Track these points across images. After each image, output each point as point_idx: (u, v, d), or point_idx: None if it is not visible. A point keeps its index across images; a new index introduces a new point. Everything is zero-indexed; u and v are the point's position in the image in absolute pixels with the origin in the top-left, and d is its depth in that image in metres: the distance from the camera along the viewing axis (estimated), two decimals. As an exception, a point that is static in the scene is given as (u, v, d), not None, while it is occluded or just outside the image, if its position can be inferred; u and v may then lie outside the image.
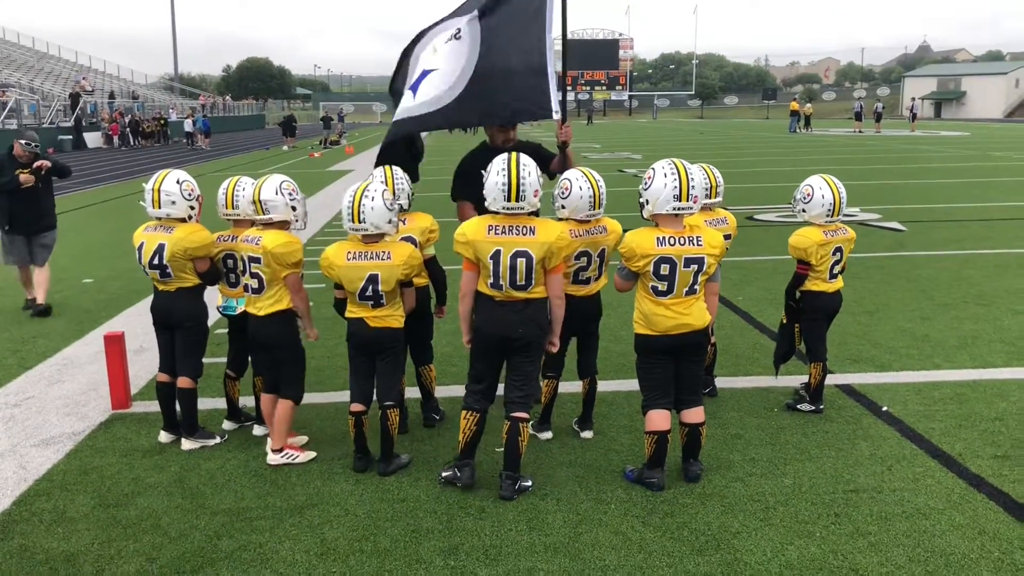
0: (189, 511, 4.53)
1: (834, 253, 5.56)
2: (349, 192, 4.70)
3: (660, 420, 4.64)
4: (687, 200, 4.43)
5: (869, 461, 5.00)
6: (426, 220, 5.27)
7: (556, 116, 5.57)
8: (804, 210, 5.55)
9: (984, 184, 20.32)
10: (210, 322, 5.52)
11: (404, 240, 5.02)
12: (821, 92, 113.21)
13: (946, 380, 6.35)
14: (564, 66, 5.84)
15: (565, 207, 4.94)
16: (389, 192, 4.73)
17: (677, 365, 4.66)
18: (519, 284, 4.48)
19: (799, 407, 5.76)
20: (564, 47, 5.79)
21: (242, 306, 5.33)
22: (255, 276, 4.94)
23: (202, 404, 5.77)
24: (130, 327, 7.68)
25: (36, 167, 8.84)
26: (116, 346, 5.92)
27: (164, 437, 5.45)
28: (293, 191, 5.01)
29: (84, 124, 44.95)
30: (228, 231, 5.39)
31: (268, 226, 4.95)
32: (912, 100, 60.00)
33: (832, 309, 5.71)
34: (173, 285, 5.21)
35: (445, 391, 6.02)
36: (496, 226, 4.48)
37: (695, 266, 4.47)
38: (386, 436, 4.86)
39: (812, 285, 5.59)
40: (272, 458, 5.07)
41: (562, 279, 4.63)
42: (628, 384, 6.18)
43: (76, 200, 18.69)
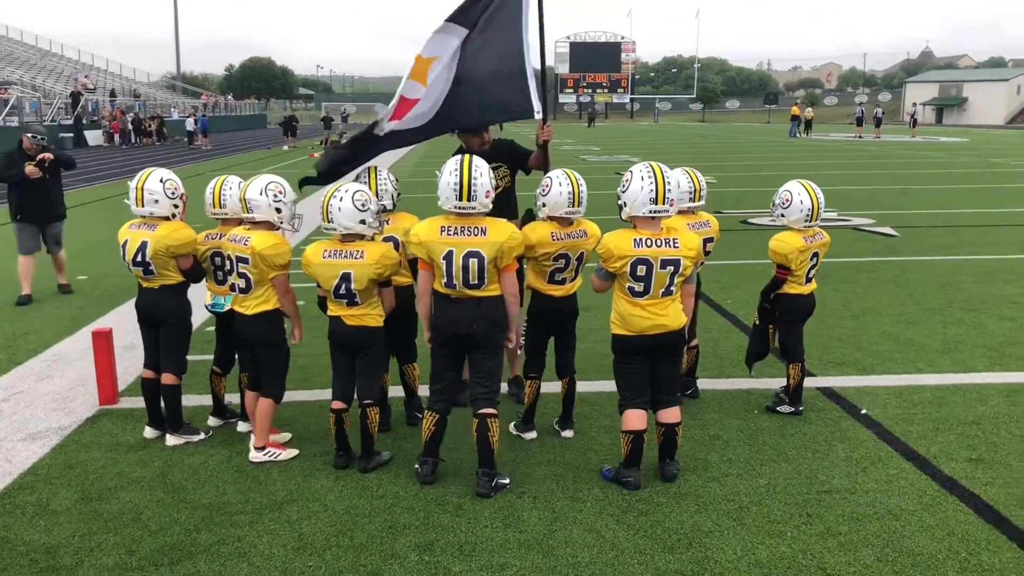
0: (170, 505, 4.59)
1: (812, 258, 5.63)
2: (324, 191, 4.80)
3: (636, 420, 4.70)
4: (663, 203, 4.50)
5: (845, 463, 5.05)
6: (409, 221, 5.32)
7: (538, 116, 5.67)
8: (783, 215, 5.61)
9: (980, 190, 20.38)
10: (197, 319, 5.58)
11: (387, 240, 5.09)
12: (823, 97, 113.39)
13: (927, 384, 6.41)
14: (543, 66, 5.90)
15: (545, 204, 5.02)
16: (366, 194, 4.78)
17: (653, 365, 4.72)
18: (472, 283, 4.55)
19: (779, 409, 5.81)
20: (542, 48, 5.86)
21: (229, 304, 5.39)
22: (243, 276, 4.99)
23: (188, 401, 5.85)
24: (121, 324, 7.74)
25: (40, 159, 9.22)
26: (104, 342, 5.98)
27: (149, 433, 5.50)
28: (279, 193, 4.99)
29: (85, 122, 45.03)
30: (216, 229, 5.45)
31: (256, 226, 5.00)
32: (913, 106, 60.09)
33: (808, 311, 5.78)
34: (156, 282, 5.27)
35: (428, 390, 6.07)
36: (448, 227, 4.56)
37: (671, 268, 4.53)
38: (366, 434, 4.92)
39: (789, 288, 5.66)
40: (254, 455, 5.12)
41: (515, 277, 4.68)
42: (611, 385, 6.14)
43: (74, 197, 18.75)
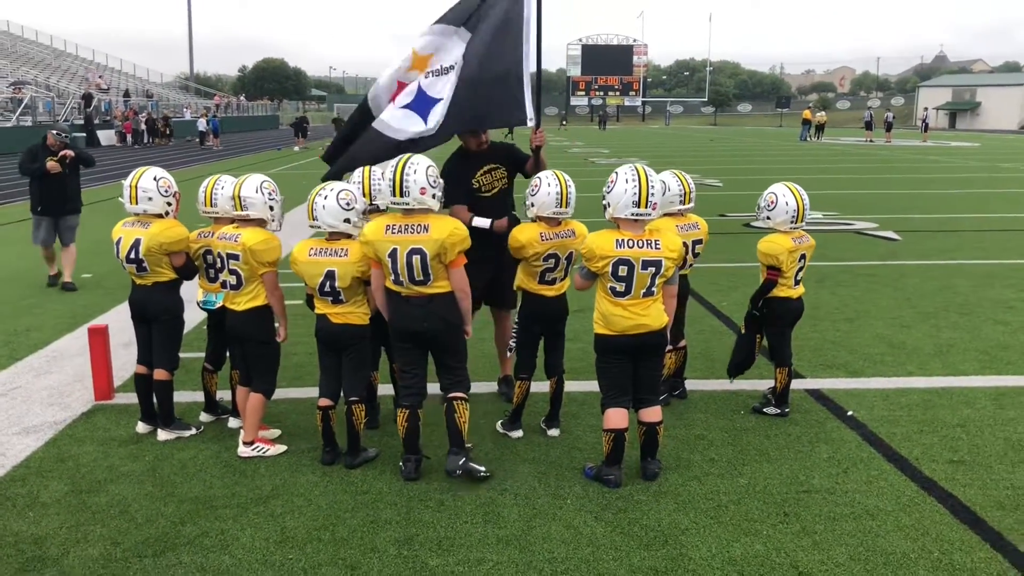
0: (158, 498, 4.67)
1: (799, 260, 5.66)
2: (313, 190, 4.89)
3: (617, 418, 4.75)
4: (645, 207, 4.56)
5: (826, 464, 5.09)
6: None
7: (531, 123, 5.76)
8: (768, 217, 5.65)
9: (986, 195, 20.33)
10: (191, 317, 5.66)
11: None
12: (835, 101, 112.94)
13: (915, 387, 6.43)
14: (539, 72, 5.97)
15: (534, 204, 5.10)
16: (352, 193, 4.87)
17: (635, 365, 4.78)
18: (417, 280, 4.64)
19: (765, 410, 5.85)
20: (538, 53, 5.92)
21: (221, 301, 5.48)
22: (233, 272, 5.08)
23: (181, 397, 5.93)
24: (120, 321, 7.83)
25: (61, 156, 9.83)
26: (99, 338, 6.08)
27: (141, 427, 5.59)
28: (273, 191, 5.16)
29: (97, 122, 45.34)
30: (209, 227, 5.54)
31: (245, 223, 5.09)
32: (924, 110, 59.85)
33: (796, 315, 5.81)
34: (149, 279, 5.36)
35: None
36: (393, 225, 4.65)
37: (652, 269, 4.58)
38: (351, 431, 4.99)
39: (778, 292, 5.69)
40: (243, 450, 5.20)
41: (463, 272, 4.74)
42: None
43: (83, 196, 18.86)
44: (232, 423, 5.69)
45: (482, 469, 4.83)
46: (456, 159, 5.93)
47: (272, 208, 5.14)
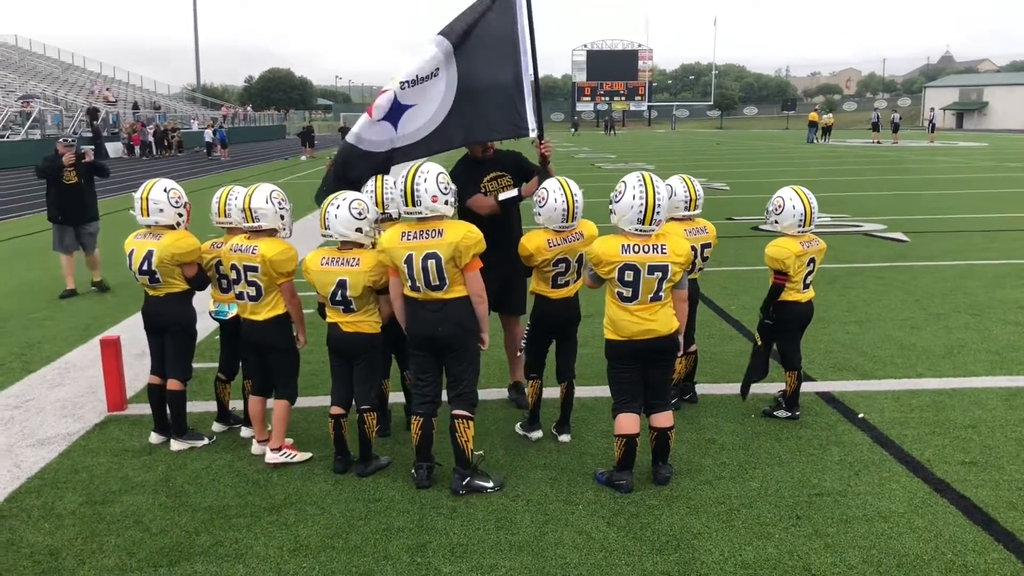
0: (172, 508, 4.70)
1: (808, 264, 5.67)
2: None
3: (629, 424, 4.76)
4: (650, 224, 4.57)
5: (838, 466, 5.09)
6: None
7: (533, 134, 5.80)
8: (776, 221, 5.66)
9: (994, 195, 20.27)
10: (203, 327, 5.69)
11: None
12: (842, 103, 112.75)
13: (926, 388, 6.42)
14: (536, 82, 5.99)
15: (541, 215, 5.13)
16: (364, 202, 4.90)
17: (645, 370, 4.78)
18: (433, 284, 4.65)
19: (775, 414, 5.86)
20: (534, 62, 5.94)
21: (233, 311, 5.51)
22: (252, 284, 5.10)
23: (194, 407, 5.96)
24: (132, 332, 7.88)
25: (80, 154, 10.34)
26: (112, 350, 6.12)
27: (154, 438, 5.62)
28: (282, 200, 5.18)
29: (105, 134, 45.55)
30: (222, 238, 5.57)
31: (258, 234, 5.13)
32: (931, 111, 59.68)
33: (806, 319, 5.81)
34: (162, 291, 5.40)
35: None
36: (408, 232, 4.68)
37: (659, 273, 4.60)
38: (363, 439, 5.01)
39: (787, 296, 5.69)
40: (271, 457, 5.22)
41: (478, 276, 4.74)
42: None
43: (93, 209, 18.98)
44: (244, 432, 5.71)
45: (489, 485, 4.82)
46: (462, 166, 5.97)
47: (283, 218, 5.18)
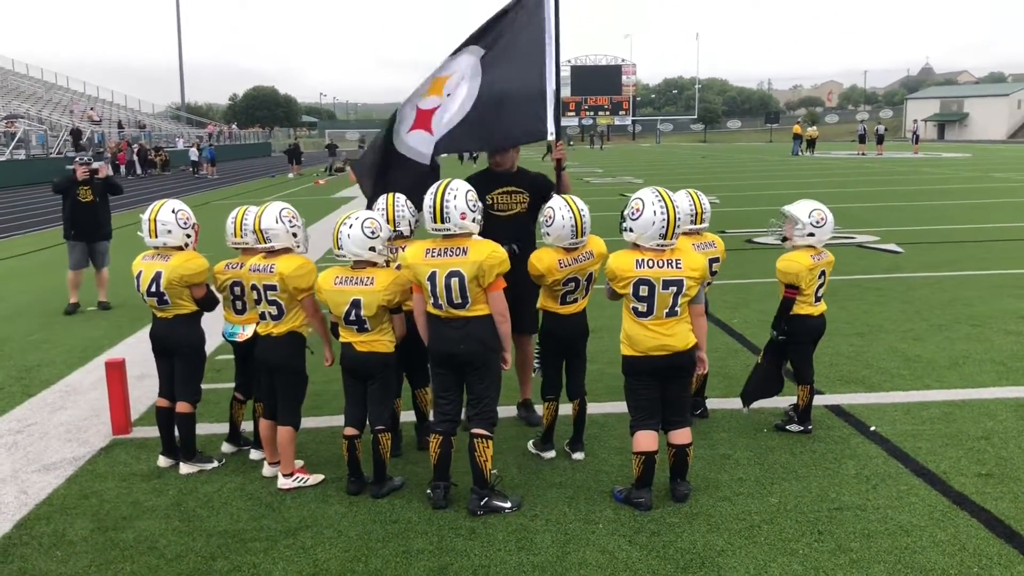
0: (185, 533, 4.62)
1: (819, 276, 5.66)
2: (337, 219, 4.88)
3: (647, 441, 4.73)
4: (672, 238, 4.57)
5: (855, 480, 5.07)
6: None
7: (551, 136, 5.80)
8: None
9: (984, 205, 20.42)
10: (211, 348, 5.63)
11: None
12: (824, 115, 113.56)
13: (935, 400, 6.42)
14: (557, 87, 5.99)
15: (549, 234, 5.10)
16: (377, 221, 4.86)
17: (663, 386, 4.75)
18: (456, 302, 4.63)
19: (788, 428, 5.84)
20: (557, 70, 5.96)
21: (246, 332, 5.46)
22: (273, 303, 5.04)
23: (202, 429, 5.89)
24: (132, 354, 7.79)
25: (94, 169, 10.66)
26: (117, 372, 6.04)
27: (163, 461, 5.55)
28: (293, 218, 5.13)
29: (91, 154, 45.33)
30: (237, 259, 5.52)
31: (274, 253, 5.08)
32: (915, 123, 60.21)
33: (818, 332, 5.80)
34: (170, 312, 5.34)
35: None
36: (433, 249, 4.67)
37: (674, 288, 4.58)
38: (378, 459, 4.96)
39: (798, 309, 5.68)
40: (283, 483, 5.14)
41: (501, 296, 4.71)
42: (622, 406, 6.19)
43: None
44: (254, 455, 5.64)
45: (507, 505, 4.76)
46: (477, 175, 5.95)
47: (295, 234, 5.13)
